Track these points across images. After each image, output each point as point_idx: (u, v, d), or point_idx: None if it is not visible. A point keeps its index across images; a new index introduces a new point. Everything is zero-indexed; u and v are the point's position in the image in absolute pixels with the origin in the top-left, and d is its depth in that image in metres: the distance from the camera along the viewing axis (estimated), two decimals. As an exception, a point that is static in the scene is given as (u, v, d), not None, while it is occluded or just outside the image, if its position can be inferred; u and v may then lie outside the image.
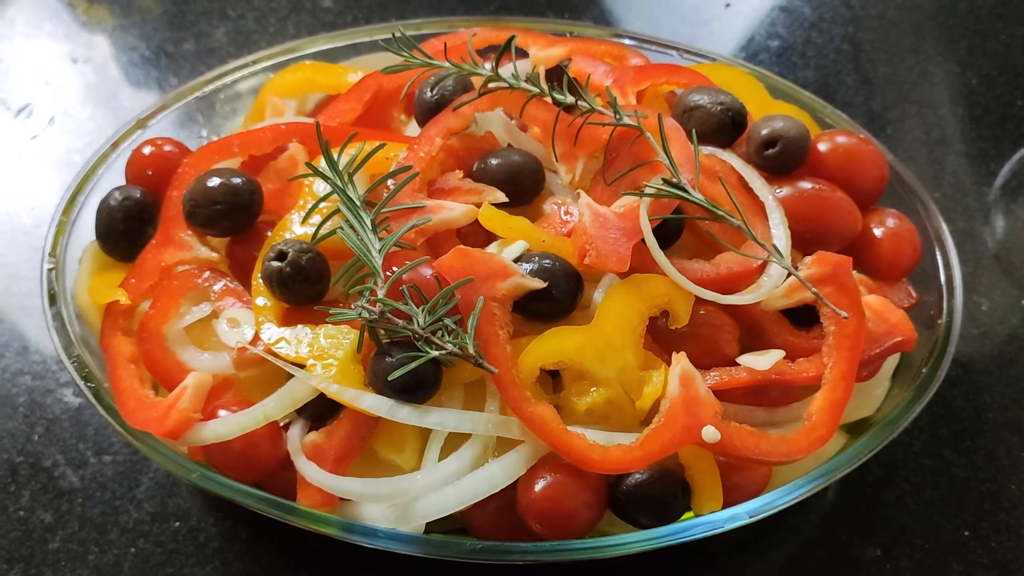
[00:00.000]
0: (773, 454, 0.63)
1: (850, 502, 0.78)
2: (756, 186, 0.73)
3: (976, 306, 0.92)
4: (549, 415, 0.62)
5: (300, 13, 1.23)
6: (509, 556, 0.62)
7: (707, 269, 0.68)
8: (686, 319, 0.66)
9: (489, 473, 0.63)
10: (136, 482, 0.79)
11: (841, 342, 0.66)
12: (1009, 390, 0.86)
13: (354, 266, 0.65)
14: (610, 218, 0.67)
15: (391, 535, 0.63)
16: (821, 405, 0.65)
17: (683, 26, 1.24)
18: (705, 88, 0.77)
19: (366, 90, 0.82)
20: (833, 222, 0.73)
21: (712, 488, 0.64)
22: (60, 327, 0.72)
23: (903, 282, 0.78)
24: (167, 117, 0.87)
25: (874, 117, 1.11)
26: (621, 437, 0.63)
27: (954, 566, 0.75)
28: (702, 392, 0.63)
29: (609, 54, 0.85)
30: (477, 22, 0.92)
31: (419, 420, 0.63)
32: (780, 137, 0.73)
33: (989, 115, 1.11)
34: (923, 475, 0.80)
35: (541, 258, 0.66)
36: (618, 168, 0.71)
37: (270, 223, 0.74)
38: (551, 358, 0.64)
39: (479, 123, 0.76)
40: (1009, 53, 1.19)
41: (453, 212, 0.69)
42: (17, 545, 0.75)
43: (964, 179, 1.05)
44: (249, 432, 0.65)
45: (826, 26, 1.23)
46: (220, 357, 0.70)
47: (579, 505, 0.62)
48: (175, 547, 0.75)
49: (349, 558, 0.74)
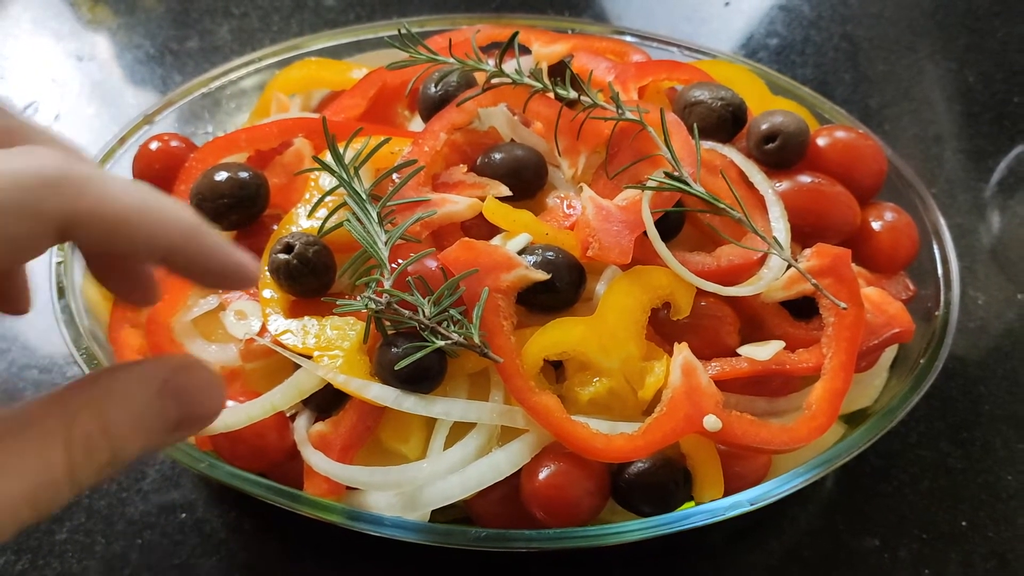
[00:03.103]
0: (773, 442, 0.64)
1: (848, 493, 0.79)
2: (756, 180, 0.74)
3: (972, 300, 0.93)
4: (553, 405, 0.63)
5: (303, 11, 1.23)
6: (513, 544, 0.63)
7: (708, 261, 0.69)
8: (687, 310, 0.67)
9: (494, 461, 0.63)
10: (142, 474, 0.79)
11: (840, 333, 0.67)
12: (1005, 383, 0.87)
13: (360, 258, 0.65)
14: (612, 211, 0.68)
15: (397, 523, 0.63)
16: (820, 395, 0.66)
17: (683, 24, 1.25)
18: (706, 84, 0.78)
19: (371, 86, 0.83)
20: (832, 215, 0.74)
21: (713, 476, 0.64)
22: (69, 320, 0.72)
23: (901, 275, 0.79)
24: (173, 113, 0.88)
25: (872, 114, 1.12)
26: (624, 426, 0.64)
27: (952, 556, 0.76)
28: (703, 382, 0.64)
29: (611, 51, 0.86)
30: (480, 19, 0.93)
31: (424, 410, 0.64)
32: (780, 132, 0.74)
33: (986, 112, 1.12)
34: (921, 466, 0.81)
35: (544, 250, 0.67)
36: (620, 162, 0.72)
37: (276, 217, 0.75)
38: (554, 349, 0.65)
39: (483, 118, 0.77)
40: (1006, 51, 1.20)
41: (457, 205, 0.70)
42: (25, 536, 0.76)
43: (961, 175, 1.06)
44: (256, 422, 0.66)
45: (824, 24, 1.24)
46: (227, 349, 0.71)
47: (582, 493, 0.63)
48: (181, 538, 0.76)
49: (353, 549, 0.74)
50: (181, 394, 0.42)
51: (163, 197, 0.40)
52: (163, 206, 0.40)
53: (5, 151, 0.38)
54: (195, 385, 0.43)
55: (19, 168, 0.36)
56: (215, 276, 0.42)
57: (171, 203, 0.41)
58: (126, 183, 0.39)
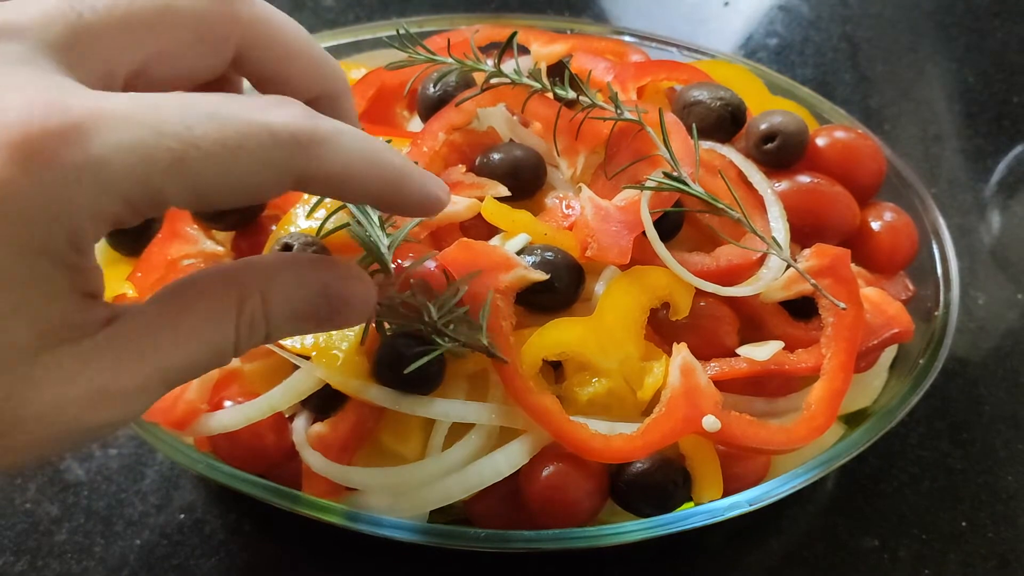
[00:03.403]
0: (773, 443, 0.64)
1: (848, 493, 0.79)
2: (755, 180, 0.74)
3: (973, 300, 0.93)
4: (552, 405, 0.63)
5: (302, 11, 1.23)
6: (512, 544, 0.63)
7: (707, 261, 0.69)
8: (686, 311, 0.67)
9: (493, 462, 0.63)
10: (141, 475, 0.79)
11: (839, 333, 0.67)
12: (1005, 383, 0.87)
13: (362, 262, 0.65)
14: (611, 211, 0.68)
15: (396, 524, 0.63)
16: (820, 395, 0.66)
17: (682, 24, 1.25)
18: (705, 84, 0.77)
19: (369, 86, 0.82)
20: (831, 215, 0.74)
21: (712, 477, 0.64)
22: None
23: (901, 275, 0.78)
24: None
25: (872, 114, 1.12)
26: (623, 427, 0.64)
27: (952, 556, 0.76)
28: (703, 382, 0.64)
29: (610, 51, 0.86)
30: (478, 19, 0.93)
31: (423, 411, 0.64)
32: (779, 132, 0.74)
33: (986, 112, 1.12)
34: (921, 467, 0.81)
35: (543, 251, 0.67)
36: (619, 162, 0.72)
37: (274, 217, 0.75)
38: (553, 349, 0.65)
39: (481, 119, 0.77)
40: (1006, 51, 1.20)
41: (456, 206, 0.70)
42: (24, 537, 0.76)
43: (961, 175, 1.06)
44: (255, 423, 0.66)
45: (824, 24, 1.24)
46: (226, 349, 0.71)
47: (581, 494, 0.63)
48: (180, 539, 0.76)
49: (352, 551, 0.74)
50: (337, 300, 0.47)
51: (379, 145, 0.44)
52: (383, 159, 0.44)
53: (261, 99, 0.41)
54: (351, 293, 0.48)
55: (275, 121, 0.39)
56: (407, 211, 0.47)
57: (387, 152, 0.44)
58: (355, 136, 0.43)
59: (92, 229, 0.38)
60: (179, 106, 0.38)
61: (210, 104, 0.39)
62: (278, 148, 0.39)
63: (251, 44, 0.44)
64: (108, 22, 0.40)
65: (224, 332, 0.42)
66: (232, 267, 0.45)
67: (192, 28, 0.42)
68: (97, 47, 0.40)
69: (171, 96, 0.39)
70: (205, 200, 0.39)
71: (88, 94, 0.38)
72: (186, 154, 0.37)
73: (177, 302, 0.42)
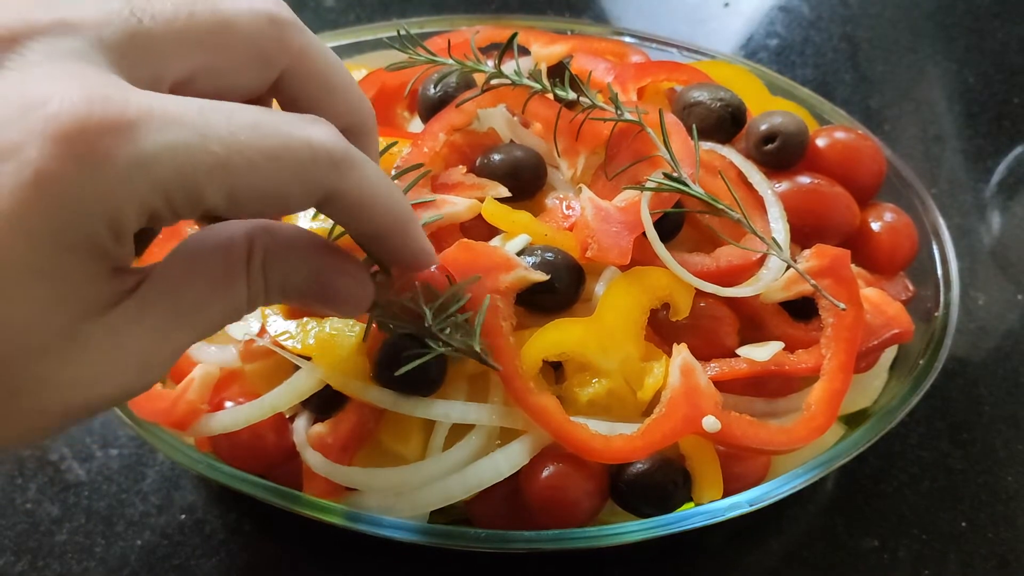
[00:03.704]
0: (773, 443, 0.64)
1: (848, 494, 0.79)
2: (755, 181, 0.74)
3: (973, 301, 0.93)
4: (552, 406, 0.63)
5: (303, 12, 1.23)
6: (512, 544, 0.63)
7: (707, 262, 0.69)
8: (687, 311, 0.67)
9: (493, 463, 0.63)
10: (142, 475, 0.80)
11: (839, 333, 0.67)
12: (1005, 384, 0.87)
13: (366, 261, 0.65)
14: (611, 212, 0.68)
15: (396, 524, 0.63)
16: (820, 395, 0.66)
17: (682, 25, 1.25)
18: (705, 85, 0.78)
19: (370, 87, 0.83)
20: (831, 216, 0.74)
21: (712, 477, 0.65)
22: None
23: (901, 276, 0.79)
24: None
25: (872, 115, 1.12)
26: (623, 427, 0.64)
27: (951, 556, 0.76)
28: (703, 383, 0.64)
29: (610, 51, 0.86)
30: (479, 20, 0.93)
31: (424, 412, 0.64)
32: (779, 132, 0.74)
33: (986, 113, 1.12)
34: (921, 467, 0.81)
35: (543, 251, 0.67)
36: (619, 163, 0.72)
37: (275, 218, 0.75)
38: (554, 350, 0.65)
39: (482, 119, 0.77)
40: (1006, 52, 1.20)
41: (457, 207, 0.70)
42: (25, 537, 0.76)
43: (961, 176, 1.06)
44: (256, 423, 0.66)
45: (824, 25, 1.24)
46: (227, 350, 0.71)
47: (581, 494, 0.63)
48: (181, 539, 0.76)
49: (352, 551, 0.75)
50: (326, 288, 0.49)
51: (393, 185, 0.47)
52: (399, 199, 0.47)
53: (297, 117, 0.42)
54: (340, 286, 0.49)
55: (315, 138, 0.41)
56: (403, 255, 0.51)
57: (402, 194, 0.48)
58: (378, 170, 0.45)
59: (135, 223, 0.39)
60: (224, 113, 0.39)
61: (253, 115, 0.40)
62: (314, 163, 0.41)
63: (295, 72, 0.46)
64: (166, 32, 0.41)
65: (240, 294, 0.45)
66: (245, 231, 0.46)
67: (244, 50, 0.43)
68: (150, 54, 0.41)
69: (217, 103, 0.40)
70: (238, 206, 0.40)
71: (140, 93, 0.39)
72: (229, 160, 0.38)
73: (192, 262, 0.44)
